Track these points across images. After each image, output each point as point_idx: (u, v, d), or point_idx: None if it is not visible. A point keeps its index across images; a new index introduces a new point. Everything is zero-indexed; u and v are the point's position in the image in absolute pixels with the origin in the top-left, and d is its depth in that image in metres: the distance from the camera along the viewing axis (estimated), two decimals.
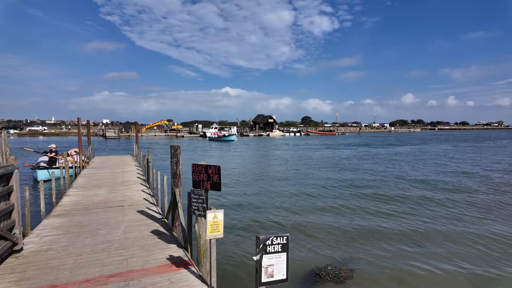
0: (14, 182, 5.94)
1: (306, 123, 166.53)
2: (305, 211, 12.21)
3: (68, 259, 5.70)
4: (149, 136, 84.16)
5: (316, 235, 9.66)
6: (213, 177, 5.40)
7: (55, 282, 4.84)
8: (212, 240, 4.77)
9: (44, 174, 17.16)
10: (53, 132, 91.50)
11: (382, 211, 12.34)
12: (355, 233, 9.84)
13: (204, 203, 5.48)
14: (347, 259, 8.04)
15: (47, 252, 6.04)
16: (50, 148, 18.65)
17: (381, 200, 14.14)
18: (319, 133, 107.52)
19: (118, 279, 4.91)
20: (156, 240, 6.70)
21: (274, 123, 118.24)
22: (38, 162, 17.97)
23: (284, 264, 3.49)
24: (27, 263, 5.52)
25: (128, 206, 9.49)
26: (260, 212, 12.07)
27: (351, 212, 12.22)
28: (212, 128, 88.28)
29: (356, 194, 15.24)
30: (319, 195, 15.12)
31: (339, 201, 13.82)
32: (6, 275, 5.09)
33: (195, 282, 4.88)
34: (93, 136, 78.59)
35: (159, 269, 5.32)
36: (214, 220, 4.72)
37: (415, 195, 15.00)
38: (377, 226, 10.47)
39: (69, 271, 5.20)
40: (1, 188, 5.57)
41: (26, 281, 4.86)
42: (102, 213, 8.72)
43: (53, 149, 18.48)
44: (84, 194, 11.10)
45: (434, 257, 8.16)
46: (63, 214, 8.64)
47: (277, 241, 3.48)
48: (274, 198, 14.37)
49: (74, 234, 7.03)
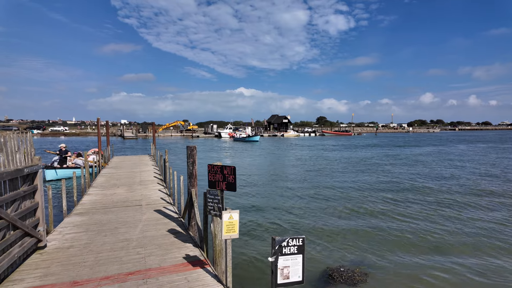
0: (38, 181, 6.18)
1: (321, 123, 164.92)
2: (320, 212, 12.10)
3: (88, 256, 5.88)
4: (165, 136, 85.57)
5: (329, 235, 9.55)
6: (229, 177, 5.44)
7: (77, 278, 5.01)
8: (228, 240, 4.81)
9: (52, 174, 17.69)
10: (73, 132, 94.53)
11: (400, 214, 12.07)
12: (370, 236, 9.68)
13: (219, 203, 5.53)
14: (360, 261, 7.91)
15: (69, 249, 6.25)
16: (60, 148, 19.01)
17: (400, 203, 13.84)
18: (334, 133, 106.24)
19: (137, 277, 5.03)
20: (173, 239, 6.81)
21: (289, 123, 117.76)
22: (52, 162, 18.59)
23: (300, 266, 3.48)
24: (51, 260, 5.73)
25: (146, 205, 9.69)
26: (275, 213, 12.05)
27: (367, 214, 12.02)
28: (227, 128, 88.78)
29: (373, 196, 14.98)
30: (336, 196, 14.95)
31: (355, 203, 13.62)
32: (31, 270, 5.30)
33: (211, 281, 4.93)
34: (112, 136, 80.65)
35: (175, 267, 5.41)
36: (229, 221, 4.76)
37: (436, 199, 14.59)
38: (394, 230, 10.25)
39: (90, 268, 5.37)
40: (27, 187, 5.82)
41: (50, 277, 5.05)
42: (121, 212, 8.94)
43: (63, 149, 18.90)
44: (103, 193, 11.42)
45: (455, 266, 7.89)
46: (84, 213, 8.91)
47: (293, 242, 3.47)
48: (290, 199, 14.31)
49: (94, 232, 7.24)
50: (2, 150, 5.23)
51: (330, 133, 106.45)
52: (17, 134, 5.84)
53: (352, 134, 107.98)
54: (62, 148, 18.90)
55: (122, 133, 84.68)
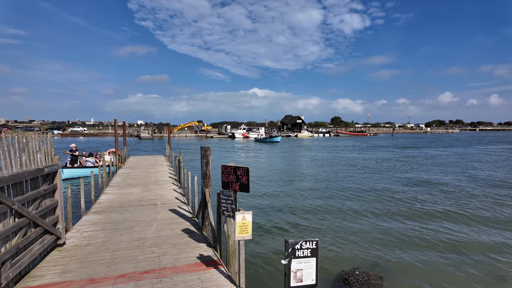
0: (58, 180, 6.37)
1: (336, 123, 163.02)
2: (335, 213, 11.94)
3: (105, 254, 6.01)
4: (180, 136, 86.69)
5: (343, 237, 9.41)
6: (242, 178, 5.43)
7: (94, 276, 5.12)
8: (241, 241, 4.80)
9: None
10: (92, 132, 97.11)
11: (418, 216, 11.77)
12: (385, 238, 9.47)
13: (233, 204, 5.54)
14: (376, 265, 7.75)
15: (86, 247, 6.41)
16: (71, 148, 19.37)
17: (417, 204, 13.49)
18: (349, 134, 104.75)
19: (151, 276, 5.10)
20: (186, 239, 6.87)
21: (303, 123, 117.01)
22: (65, 162, 19.10)
23: (313, 269, 3.43)
24: (69, 257, 5.89)
25: (161, 205, 9.83)
26: (288, 214, 11.97)
27: (383, 216, 11.77)
28: (240, 129, 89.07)
29: (390, 198, 14.66)
30: (352, 197, 14.72)
31: (372, 205, 13.37)
32: (51, 267, 5.47)
33: (224, 282, 4.94)
34: (128, 136, 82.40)
35: (189, 267, 5.45)
36: (243, 222, 4.75)
37: (458, 202, 14.15)
38: (411, 232, 9.99)
39: (106, 266, 5.48)
40: (47, 186, 6.00)
41: (68, 274, 5.19)
42: (136, 211, 9.10)
43: (73, 149, 19.28)
44: (120, 193, 11.66)
45: (476, 271, 7.62)
46: (101, 211, 9.12)
47: (306, 245, 3.42)
48: (304, 200, 14.20)
49: (110, 231, 7.40)
50: (24, 150, 5.41)
51: (345, 134, 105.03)
52: (38, 135, 6.03)
53: (367, 134, 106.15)
54: (72, 148, 19.34)
55: (139, 134, 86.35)
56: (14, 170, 5.00)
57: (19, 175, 4.93)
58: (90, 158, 20.18)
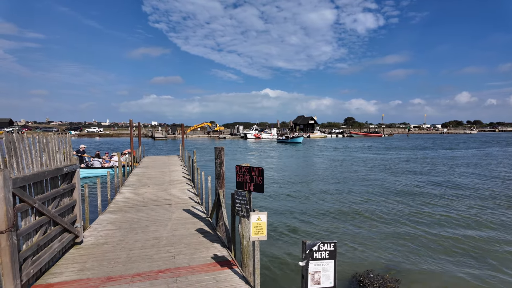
0: (76, 180, 6.50)
1: (349, 124, 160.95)
2: (349, 214, 11.75)
3: (121, 253, 6.09)
4: (193, 137, 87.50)
5: (356, 239, 9.24)
6: (256, 179, 5.41)
7: (111, 274, 5.19)
8: (256, 242, 4.77)
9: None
10: (107, 133, 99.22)
11: (436, 219, 11.46)
12: (401, 241, 9.24)
13: (247, 205, 5.52)
14: (390, 268, 7.57)
15: (103, 245, 6.51)
16: (79, 148, 19.54)
17: (436, 206, 13.14)
18: (363, 135, 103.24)
19: (167, 275, 5.13)
20: (201, 239, 6.89)
21: (315, 124, 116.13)
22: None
23: (331, 272, 3.36)
24: (87, 255, 6.00)
25: (175, 205, 9.91)
26: (304, 215, 11.87)
27: (401, 220, 11.51)
28: (253, 129, 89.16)
29: (408, 201, 14.34)
30: (369, 199, 14.48)
31: (388, 208, 13.11)
32: (69, 264, 5.58)
33: (239, 282, 4.91)
34: (143, 137, 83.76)
35: (204, 267, 5.45)
36: (258, 222, 4.72)
37: (480, 206, 13.71)
38: (430, 237, 9.73)
39: (123, 265, 5.55)
40: (66, 185, 6.13)
41: (86, 271, 5.28)
42: (151, 211, 9.21)
43: (81, 150, 19.52)
44: (135, 192, 11.83)
45: (493, 279, 7.35)
46: (117, 210, 9.27)
47: (324, 247, 3.36)
48: (321, 201, 14.05)
49: (126, 230, 7.50)
50: (45, 150, 5.55)
51: (358, 134, 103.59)
52: (58, 135, 6.18)
53: (382, 135, 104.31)
54: (81, 149, 19.59)
55: (153, 134, 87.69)
56: (35, 169, 5.13)
57: (40, 174, 5.05)
58: (97, 159, 20.47)
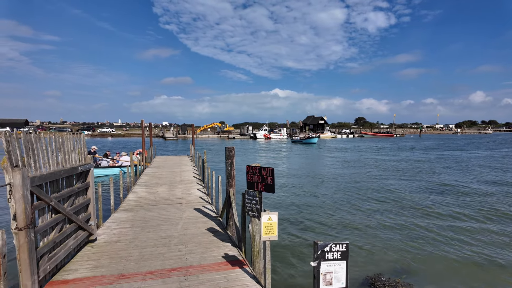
0: (90, 178, 6.64)
1: (360, 124, 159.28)
2: (360, 216, 11.64)
3: (134, 251, 6.19)
4: (203, 137, 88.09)
5: (369, 242, 9.14)
6: (267, 179, 5.41)
7: (124, 271, 5.28)
8: (267, 241, 4.78)
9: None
10: (119, 133, 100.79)
11: (454, 225, 11.24)
12: (414, 246, 9.10)
13: (258, 204, 5.53)
14: (403, 271, 7.45)
15: (116, 243, 6.63)
16: (91, 150, 19.79)
17: (454, 211, 12.89)
18: (374, 135, 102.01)
19: (178, 273, 5.19)
20: (211, 238, 6.94)
21: (325, 124, 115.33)
22: None
23: (343, 273, 3.35)
24: (101, 252, 6.12)
25: (186, 204, 10.00)
26: (316, 216, 11.81)
27: (412, 223, 11.33)
28: (262, 129, 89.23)
29: (425, 203, 14.12)
30: (382, 201, 14.31)
31: (400, 210, 12.93)
32: (84, 262, 5.70)
33: (249, 282, 4.93)
34: (154, 137, 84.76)
35: (215, 266, 5.49)
36: (268, 222, 4.72)
37: (499, 211, 13.39)
38: (445, 241, 9.55)
39: (135, 263, 5.64)
40: (81, 184, 6.27)
41: (100, 269, 5.39)
42: (163, 210, 9.32)
43: (92, 151, 19.80)
44: (147, 191, 11.99)
45: None
46: (129, 209, 9.42)
47: (336, 248, 3.35)
48: (332, 202, 13.96)
49: (139, 228, 7.61)
50: (60, 150, 5.69)
51: (369, 135, 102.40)
52: (73, 135, 6.32)
53: (393, 135, 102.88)
54: (92, 150, 19.89)
55: (164, 135, 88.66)
56: (51, 168, 5.26)
57: (56, 173, 5.18)
58: (105, 158, 20.79)
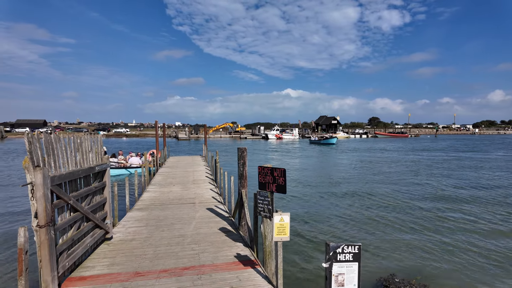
0: (107, 178, 6.82)
1: (373, 124, 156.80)
2: (375, 218, 11.50)
3: (148, 249, 6.32)
4: (215, 137, 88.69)
5: (382, 243, 9.02)
6: (279, 179, 5.43)
7: (139, 269, 5.41)
8: (279, 242, 4.80)
9: None
10: (133, 133, 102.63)
11: (471, 227, 10.96)
12: (428, 247, 8.92)
13: (269, 205, 5.55)
14: (416, 273, 7.32)
15: (131, 241, 6.79)
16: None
17: (469, 214, 12.58)
18: (388, 135, 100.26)
19: (192, 272, 5.27)
20: (224, 238, 7.01)
21: (338, 124, 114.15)
22: None
23: (355, 274, 3.34)
24: (116, 250, 6.28)
25: (199, 203, 10.13)
26: (329, 216, 11.74)
27: (427, 223, 11.11)
28: (274, 130, 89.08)
29: (440, 205, 13.83)
30: (397, 202, 14.10)
31: (415, 211, 12.70)
32: (100, 259, 5.86)
33: (261, 282, 4.97)
34: (167, 137, 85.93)
35: (227, 266, 5.56)
36: (280, 223, 4.75)
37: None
38: (461, 244, 9.34)
39: (150, 261, 5.76)
40: (97, 183, 6.45)
41: (116, 266, 5.54)
42: (176, 209, 9.47)
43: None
44: (161, 191, 12.20)
45: None
46: (144, 208, 9.61)
47: (348, 249, 3.34)
48: (345, 202, 13.84)
49: (153, 227, 7.77)
50: (79, 150, 5.87)
51: (383, 135, 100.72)
52: (90, 136, 6.51)
53: (408, 135, 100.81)
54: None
55: (177, 135, 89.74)
56: (70, 168, 5.44)
57: (74, 173, 5.36)
58: (113, 158, 21.17)
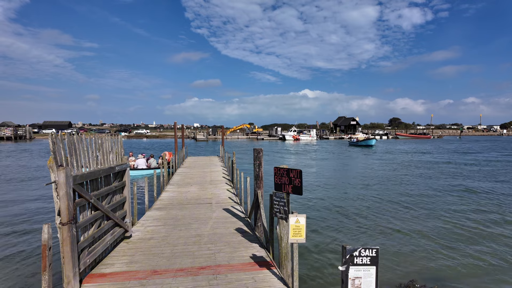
0: (126, 178, 6.99)
1: (394, 125, 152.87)
2: (392, 221, 11.18)
3: (166, 248, 6.43)
4: (232, 138, 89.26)
5: (402, 248, 8.74)
6: (295, 180, 5.38)
7: (156, 268, 5.50)
8: (294, 244, 4.75)
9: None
10: (154, 134, 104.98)
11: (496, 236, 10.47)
12: (450, 254, 8.57)
13: (285, 206, 5.51)
14: (437, 280, 7.04)
15: (149, 240, 6.92)
16: None
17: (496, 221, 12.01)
18: (410, 136, 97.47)
19: (208, 272, 5.31)
20: (240, 238, 7.02)
21: (357, 125, 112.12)
22: None
23: (372, 278, 3.24)
24: (135, 249, 6.42)
25: (215, 204, 10.20)
26: (347, 219, 11.54)
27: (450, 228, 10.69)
28: (291, 131, 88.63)
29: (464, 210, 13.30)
30: (419, 206, 13.68)
31: (436, 217, 12.26)
32: (120, 257, 6.01)
33: (277, 284, 4.93)
34: (185, 138, 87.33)
35: (243, 266, 5.56)
36: (296, 225, 4.70)
37: None
38: (485, 251, 8.92)
39: (167, 259, 5.85)
40: (117, 183, 6.62)
41: (134, 264, 5.66)
42: (194, 209, 9.58)
43: None
44: (179, 191, 12.39)
45: None
46: (162, 208, 9.78)
47: (365, 253, 3.25)
48: (365, 205, 13.57)
49: (171, 226, 7.89)
50: (100, 150, 6.05)
51: (405, 136, 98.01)
52: (111, 136, 6.70)
53: (431, 137, 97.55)
54: None
55: (195, 136, 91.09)
56: (91, 168, 5.62)
57: (95, 172, 5.53)
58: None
